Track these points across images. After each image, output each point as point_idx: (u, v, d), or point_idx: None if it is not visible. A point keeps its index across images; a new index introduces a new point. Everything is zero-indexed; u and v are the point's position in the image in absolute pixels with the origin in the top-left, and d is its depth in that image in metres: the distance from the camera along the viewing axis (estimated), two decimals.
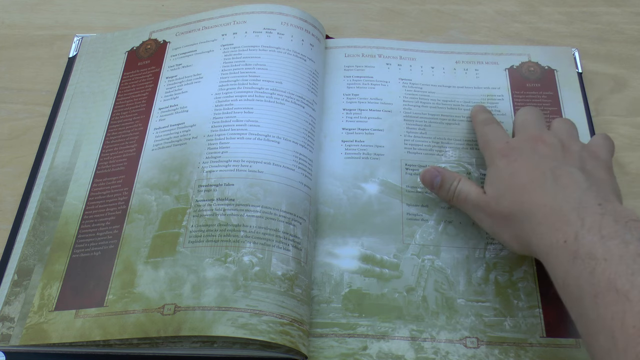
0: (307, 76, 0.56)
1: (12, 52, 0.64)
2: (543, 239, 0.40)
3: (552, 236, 0.40)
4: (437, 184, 0.50)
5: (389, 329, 0.46)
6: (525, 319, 0.47)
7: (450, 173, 0.50)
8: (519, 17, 0.67)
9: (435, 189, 0.50)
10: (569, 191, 0.41)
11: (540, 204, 0.42)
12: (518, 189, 0.44)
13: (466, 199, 0.48)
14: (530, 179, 0.44)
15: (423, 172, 0.51)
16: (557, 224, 0.40)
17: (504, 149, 0.47)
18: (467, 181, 0.49)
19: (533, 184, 0.43)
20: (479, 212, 0.47)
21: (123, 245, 0.48)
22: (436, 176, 0.50)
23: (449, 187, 0.49)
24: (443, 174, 0.50)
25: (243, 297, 0.44)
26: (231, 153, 0.51)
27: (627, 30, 0.66)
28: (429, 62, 0.61)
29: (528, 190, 0.43)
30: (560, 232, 0.39)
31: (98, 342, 0.44)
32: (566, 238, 0.39)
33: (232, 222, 0.47)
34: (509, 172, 0.45)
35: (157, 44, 0.61)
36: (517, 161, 0.46)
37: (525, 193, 0.43)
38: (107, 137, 0.55)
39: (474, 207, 0.47)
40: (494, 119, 0.53)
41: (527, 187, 0.43)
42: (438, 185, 0.50)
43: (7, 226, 0.52)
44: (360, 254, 0.50)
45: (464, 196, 0.48)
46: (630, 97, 0.61)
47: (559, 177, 0.43)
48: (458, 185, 0.48)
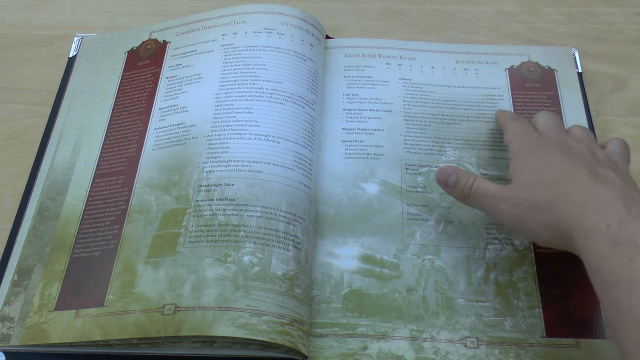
0: (307, 76, 0.56)
1: (12, 52, 0.64)
2: (581, 222, 0.39)
3: (592, 219, 0.39)
4: (451, 182, 0.48)
5: (389, 329, 0.46)
6: (525, 319, 0.47)
7: (466, 172, 0.49)
8: (519, 17, 0.67)
9: (449, 187, 0.49)
10: (609, 184, 0.41)
11: (578, 190, 0.41)
12: (552, 179, 0.43)
13: (486, 193, 0.46)
14: (564, 172, 0.43)
15: (438, 170, 0.49)
16: (599, 208, 0.39)
17: (533, 145, 0.47)
18: (484, 179, 0.47)
19: (569, 176, 0.42)
20: (501, 204, 0.45)
21: (123, 245, 0.48)
22: (451, 174, 0.48)
23: (464, 184, 0.47)
24: (458, 172, 0.48)
25: (243, 297, 0.44)
26: (231, 153, 0.51)
27: (627, 30, 0.66)
28: (429, 62, 0.61)
29: (564, 180, 0.42)
30: (602, 216, 0.38)
31: (98, 342, 0.44)
32: (609, 222, 0.38)
33: (232, 222, 0.47)
34: (540, 164, 0.45)
35: (157, 44, 0.61)
36: (548, 156, 0.45)
37: (560, 182, 0.42)
38: (107, 137, 0.55)
39: (496, 199, 0.45)
40: (520, 117, 0.53)
41: (563, 178, 0.43)
42: (453, 184, 0.48)
43: (7, 226, 0.52)
44: (360, 254, 0.50)
45: (483, 192, 0.46)
46: (630, 97, 0.61)
47: (596, 174, 0.42)
48: (475, 182, 0.47)
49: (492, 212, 0.47)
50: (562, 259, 0.49)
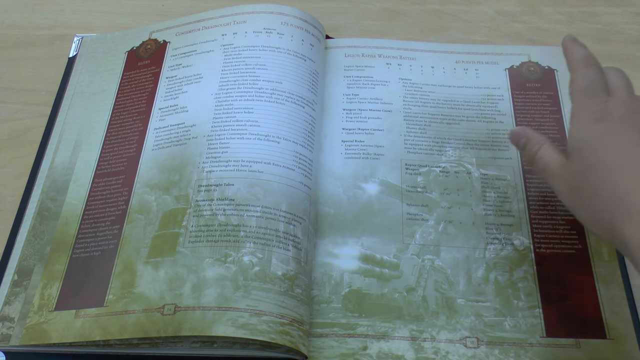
0: (307, 76, 0.56)
1: (12, 52, 0.64)
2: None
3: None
4: (522, 144, 0.47)
5: (389, 329, 0.46)
6: (525, 319, 0.47)
7: (536, 136, 0.46)
8: (519, 17, 0.67)
9: (520, 148, 0.47)
10: None
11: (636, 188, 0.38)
12: (611, 168, 0.39)
13: (545, 168, 0.44)
14: (626, 158, 0.39)
15: (511, 131, 0.48)
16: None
17: (600, 111, 0.42)
18: (549, 147, 0.44)
19: (630, 165, 0.39)
20: (558, 183, 0.43)
21: (123, 245, 0.48)
22: (522, 137, 0.46)
23: (530, 149, 0.45)
24: (528, 135, 0.46)
25: (243, 297, 0.44)
26: (231, 153, 0.51)
27: (627, 30, 0.66)
28: (429, 62, 0.61)
29: (624, 171, 0.39)
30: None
31: (98, 342, 0.44)
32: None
33: (232, 222, 0.47)
34: (602, 143, 0.40)
35: (157, 44, 0.61)
36: (612, 132, 0.41)
37: (619, 174, 0.39)
38: (107, 137, 0.55)
39: (553, 177, 0.43)
40: (595, 60, 0.46)
41: (623, 168, 0.39)
42: (522, 146, 0.47)
43: (7, 226, 0.52)
44: (360, 254, 0.50)
45: (543, 165, 0.44)
46: None
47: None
48: (539, 150, 0.44)
49: (551, 187, 0.44)
50: (562, 259, 0.49)
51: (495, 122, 0.57)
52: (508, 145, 0.55)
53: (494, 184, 0.53)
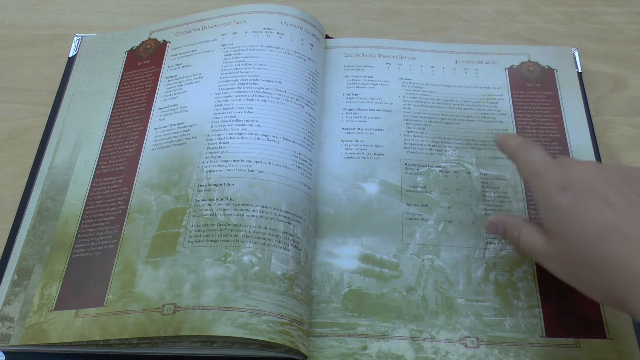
0: (307, 76, 0.56)
1: (12, 52, 0.64)
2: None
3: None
4: (501, 232, 0.46)
5: (389, 329, 0.46)
6: (525, 319, 0.47)
7: (513, 221, 0.45)
8: (519, 17, 0.67)
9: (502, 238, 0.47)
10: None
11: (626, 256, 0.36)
12: (592, 238, 0.38)
13: (532, 251, 0.43)
14: (604, 224, 0.38)
15: (488, 223, 0.47)
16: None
17: (560, 180, 0.41)
18: (529, 229, 0.43)
19: (609, 230, 0.37)
20: (549, 263, 0.42)
21: (123, 245, 0.48)
22: (499, 226, 0.46)
23: (511, 236, 0.45)
24: (505, 222, 0.45)
25: (243, 297, 0.44)
26: (231, 153, 0.51)
27: (627, 30, 0.66)
28: (429, 62, 0.61)
29: (605, 238, 0.37)
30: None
31: (98, 342, 0.44)
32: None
33: (232, 222, 0.47)
34: (575, 215, 0.39)
35: (157, 44, 0.61)
36: (580, 198, 0.39)
37: (602, 242, 0.37)
38: (107, 137, 0.55)
39: (543, 258, 0.42)
40: (530, 141, 0.46)
41: (603, 235, 0.37)
42: (503, 235, 0.46)
43: (7, 226, 0.52)
44: (360, 254, 0.50)
45: (529, 249, 0.43)
46: (630, 97, 0.61)
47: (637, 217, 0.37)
48: (520, 235, 0.43)
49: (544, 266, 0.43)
50: None
51: (495, 122, 0.57)
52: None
53: (494, 184, 0.53)
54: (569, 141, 0.55)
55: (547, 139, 0.55)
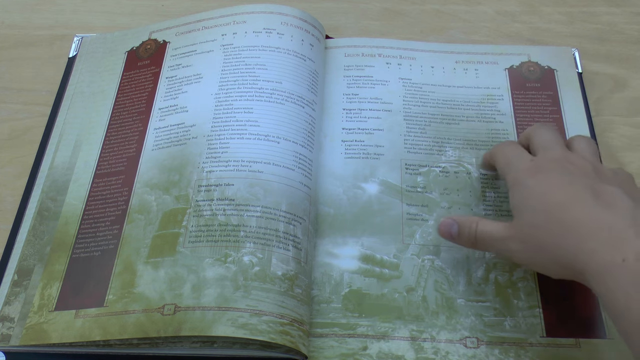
0: (307, 76, 0.56)
1: (12, 52, 0.64)
2: (593, 257, 0.37)
3: (605, 254, 0.36)
4: (455, 232, 0.46)
5: (389, 329, 0.46)
6: (525, 318, 0.47)
7: (467, 217, 0.46)
8: (519, 17, 0.67)
9: (454, 238, 0.47)
10: (617, 208, 0.38)
11: (586, 218, 0.38)
12: (554, 207, 0.40)
13: (491, 235, 0.44)
14: (566, 196, 0.40)
15: (439, 225, 0.47)
16: (611, 241, 0.36)
17: (530, 168, 0.43)
18: (486, 220, 0.45)
19: (572, 201, 0.39)
20: (509, 243, 0.43)
21: (123, 245, 0.48)
22: (452, 224, 0.46)
23: (467, 231, 0.45)
24: (459, 220, 0.46)
25: (243, 297, 0.44)
26: (231, 153, 0.51)
27: (627, 30, 0.66)
28: (429, 62, 0.61)
29: (567, 207, 0.39)
30: (616, 250, 0.36)
31: (98, 342, 0.44)
32: (625, 256, 0.35)
33: (232, 222, 0.47)
34: (540, 191, 0.41)
35: (157, 44, 0.61)
36: (547, 179, 0.42)
37: (563, 210, 0.39)
38: (107, 137, 0.55)
39: (503, 240, 0.43)
40: (514, 141, 0.50)
41: (565, 204, 0.39)
42: (457, 233, 0.46)
43: (7, 226, 0.52)
44: (360, 254, 0.50)
45: (488, 234, 0.44)
46: (630, 97, 0.61)
47: (600, 195, 0.39)
48: (477, 227, 0.45)
49: (504, 254, 0.44)
50: None
51: (495, 122, 0.57)
52: None
53: (494, 184, 0.53)
54: None
55: None
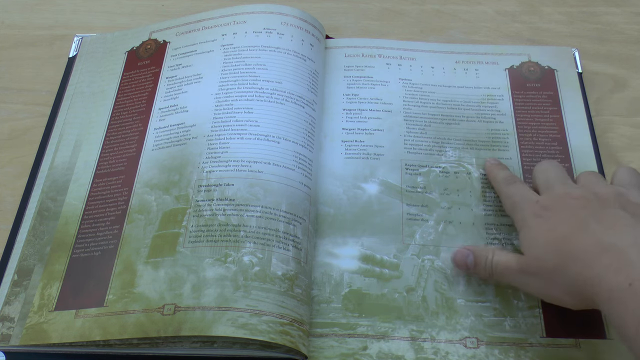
0: (307, 76, 0.56)
1: (12, 52, 0.64)
2: (602, 282, 0.37)
3: (611, 279, 0.36)
4: (471, 262, 0.47)
5: (389, 329, 0.46)
6: (525, 319, 0.47)
7: (482, 248, 0.47)
8: (519, 17, 0.67)
9: (470, 268, 0.47)
10: (618, 229, 0.38)
11: (587, 245, 0.39)
12: (560, 240, 0.41)
13: (507, 267, 0.44)
14: (570, 228, 0.41)
15: (453, 253, 0.48)
16: (614, 265, 0.36)
17: (536, 210, 0.44)
18: (502, 251, 0.46)
19: (575, 231, 0.40)
20: (524, 277, 0.43)
21: (123, 245, 0.48)
22: (468, 255, 0.47)
23: (484, 262, 0.46)
24: (475, 250, 0.47)
25: (243, 297, 0.44)
26: (231, 153, 0.51)
27: (627, 30, 0.66)
28: (429, 62, 0.61)
29: (570, 238, 0.40)
30: (622, 274, 0.36)
31: (98, 342, 0.44)
32: (631, 281, 0.35)
33: (232, 222, 0.47)
34: (545, 229, 0.42)
35: (157, 44, 0.61)
36: (551, 218, 0.43)
37: (567, 242, 0.40)
38: (107, 137, 0.55)
39: (518, 273, 0.44)
40: (516, 177, 0.50)
41: (569, 236, 0.40)
42: (472, 264, 0.47)
43: (7, 226, 0.52)
44: (360, 254, 0.50)
45: (504, 266, 0.44)
46: (630, 97, 0.61)
47: (602, 219, 0.40)
48: (494, 258, 0.45)
49: (520, 286, 0.45)
50: None
51: (495, 122, 0.57)
52: (508, 145, 0.55)
53: None
54: (569, 141, 0.55)
55: (547, 139, 0.55)
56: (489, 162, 0.53)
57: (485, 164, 0.53)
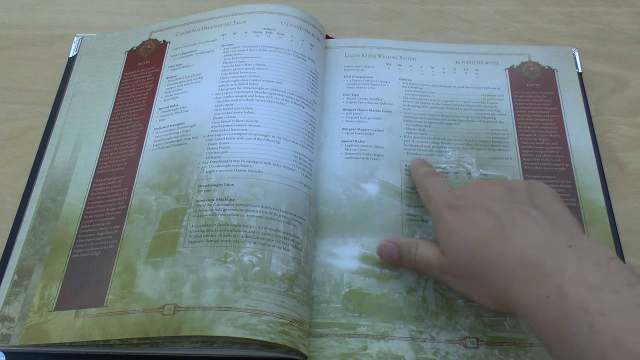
0: (307, 76, 0.56)
1: (12, 52, 0.64)
2: (521, 296, 0.37)
3: (530, 292, 0.36)
4: (395, 255, 0.47)
5: (388, 329, 0.46)
6: None
7: (406, 240, 0.47)
8: (519, 17, 0.67)
9: (396, 261, 0.47)
10: (533, 236, 0.38)
11: (505, 255, 0.38)
12: (475, 244, 0.40)
13: (427, 264, 0.44)
14: (485, 230, 0.40)
15: (378, 248, 0.48)
16: (533, 277, 0.36)
17: (447, 199, 0.44)
18: (425, 244, 0.45)
19: (490, 234, 0.40)
20: (443, 275, 0.43)
21: (123, 245, 0.48)
22: (392, 248, 0.47)
23: (408, 255, 0.46)
24: (399, 243, 0.47)
25: (243, 297, 0.44)
26: (231, 153, 0.51)
27: (627, 30, 0.66)
28: (429, 62, 0.61)
29: (486, 242, 0.40)
30: (539, 287, 0.35)
31: (98, 342, 0.44)
32: (548, 293, 0.35)
33: (232, 222, 0.47)
34: (459, 226, 0.42)
35: (157, 44, 0.61)
36: (464, 210, 0.42)
37: (483, 246, 0.40)
38: (107, 137, 0.55)
39: (437, 271, 0.44)
40: (435, 172, 0.50)
41: (484, 239, 0.40)
42: (397, 257, 0.47)
43: (7, 226, 0.52)
44: (360, 254, 0.50)
45: (426, 262, 0.44)
46: (630, 97, 0.61)
47: (515, 221, 0.39)
48: (417, 251, 0.45)
49: (444, 283, 0.46)
50: None
51: (495, 122, 0.57)
52: (508, 145, 0.55)
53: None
54: (569, 141, 0.55)
55: (547, 139, 0.55)
56: (414, 161, 0.53)
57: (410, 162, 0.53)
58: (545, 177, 0.53)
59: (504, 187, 0.43)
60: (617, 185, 0.55)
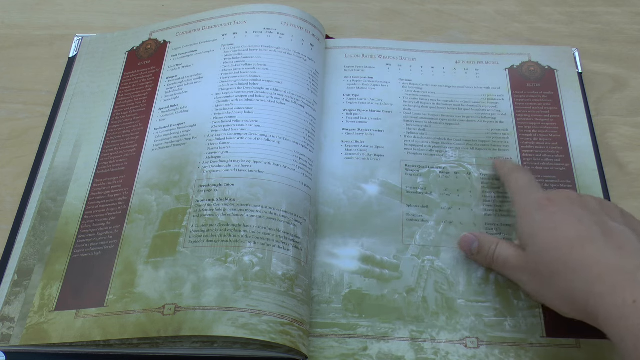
0: (307, 76, 0.56)
1: (12, 52, 0.64)
2: (604, 299, 0.37)
3: (616, 296, 0.37)
4: (474, 249, 0.48)
5: (389, 330, 0.46)
6: (525, 319, 0.47)
7: (488, 237, 0.48)
8: (519, 17, 0.67)
9: (473, 254, 0.48)
10: (627, 251, 0.39)
11: (595, 260, 0.39)
12: (564, 244, 0.41)
13: (505, 262, 0.45)
14: (577, 233, 0.41)
15: (460, 238, 0.49)
16: (621, 283, 0.37)
17: (541, 200, 0.44)
18: (505, 243, 0.46)
19: (581, 239, 0.40)
20: (520, 274, 0.44)
21: (123, 245, 0.48)
22: (473, 241, 0.48)
23: (487, 251, 0.47)
24: (480, 238, 0.48)
25: (243, 297, 0.44)
26: (231, 153, 0.51)
27: (627, 30, 0.66)
28: (429, 62, 0.61)
29: (576, 245, 0.40)
30: (627, 292, 0.36)
31: (98, 342, 0.44)
32: (636, 298, 0.36)
33: (232, 222, 0.47)
34: (549, 226, 0.42)
35: (157, 44, 0.61)
36: (556, 214, 0.43)
37: (573, 248, 0.40)
38: (107, 137, 0.55)
39: (515, 269, 0.45)
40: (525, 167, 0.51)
41: (575, 242, 0.40)
42: (476, 251, 0.48)
43: (7, 226, 0.52)
44: (360, 255, 0.50)
45: (503, 260, 0.46)
46: (630, 97, 0.61)
47: (609, 235, 0.40)
48: (496, 248, 0.46)
49: (516, 282, 0.46)
50: None
51: (495, 122, 0.57)
52: (508, 145, 0.55)
53: (494, 184, 0.53)
54: (569, 141, 0.55)
55: (547, 139, 0.56)
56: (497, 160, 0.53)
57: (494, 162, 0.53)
58: (546, 177, 0.53)
59: (598, 202, 0.44)
60: (617, 185, 0.55)
